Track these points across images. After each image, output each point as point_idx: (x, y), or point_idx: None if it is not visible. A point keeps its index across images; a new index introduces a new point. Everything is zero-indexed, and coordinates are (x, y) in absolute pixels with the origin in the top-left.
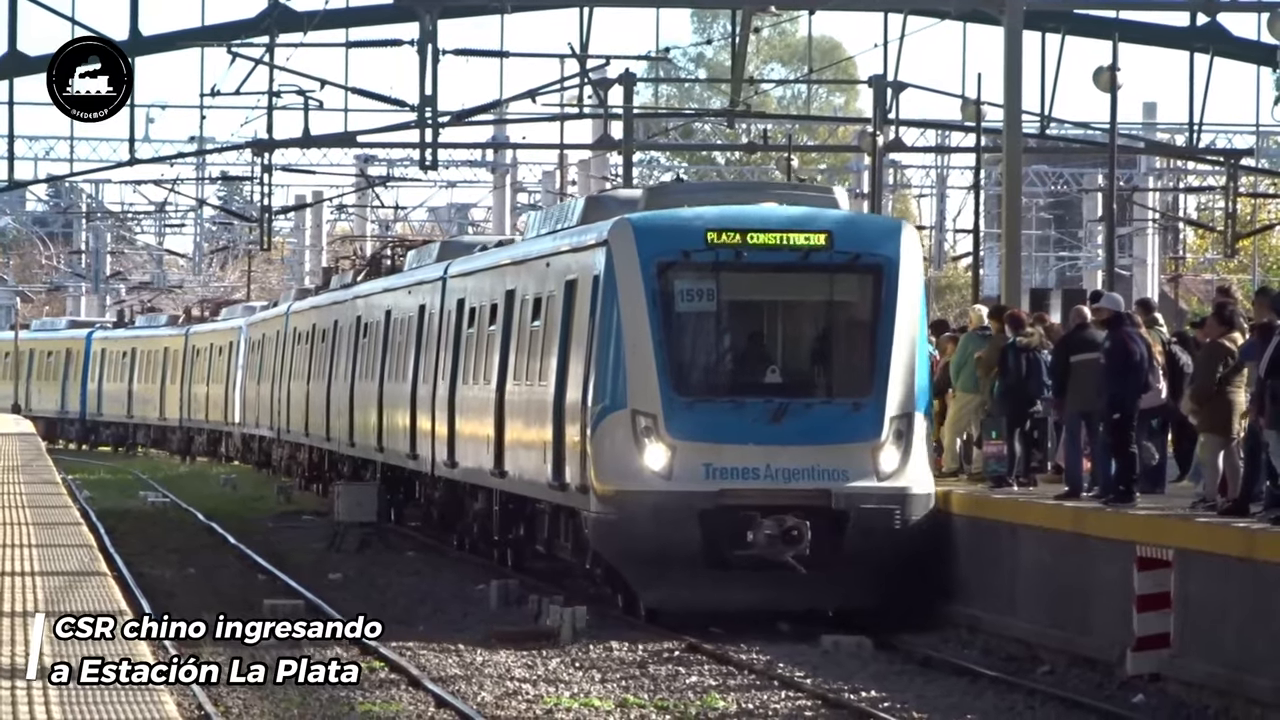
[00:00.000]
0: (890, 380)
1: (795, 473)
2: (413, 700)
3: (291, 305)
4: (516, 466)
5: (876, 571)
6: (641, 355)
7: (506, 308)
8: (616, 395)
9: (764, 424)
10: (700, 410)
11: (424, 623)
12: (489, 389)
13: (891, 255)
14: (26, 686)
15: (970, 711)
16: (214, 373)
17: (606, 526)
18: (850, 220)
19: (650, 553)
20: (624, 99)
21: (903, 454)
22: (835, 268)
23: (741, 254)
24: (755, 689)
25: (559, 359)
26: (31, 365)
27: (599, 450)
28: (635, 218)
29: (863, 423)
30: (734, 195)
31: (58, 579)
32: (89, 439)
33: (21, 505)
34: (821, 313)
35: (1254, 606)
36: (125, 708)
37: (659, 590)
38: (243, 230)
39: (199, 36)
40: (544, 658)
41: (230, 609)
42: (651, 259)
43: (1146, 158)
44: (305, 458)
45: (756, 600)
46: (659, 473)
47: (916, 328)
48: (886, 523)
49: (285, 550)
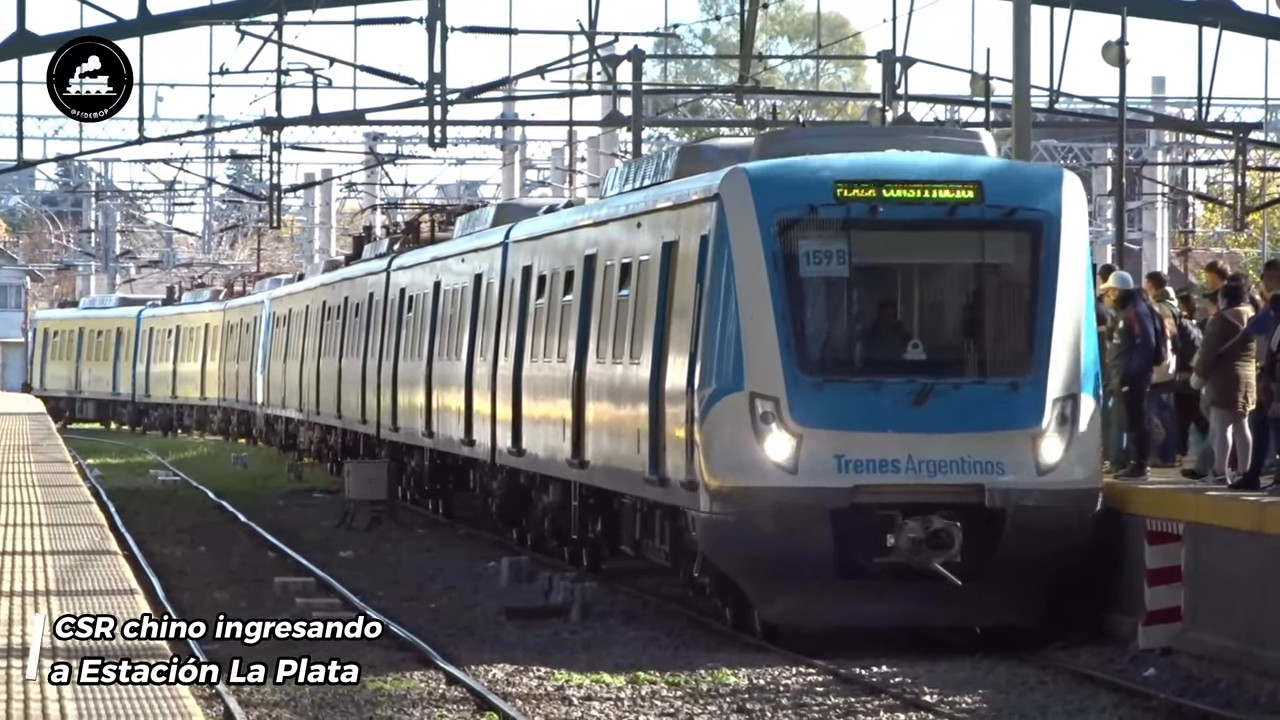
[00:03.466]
0: (1053, 356)
1: (942, 465)
2: (424, 678)
3: (321, 278)
4: (600, 456)
5: (1036, 582)
6: (761, 329)
7: (586, 275)
8: (731, 376)
9: (905, 408)
10: (830, 392)
11: (435, 600)
12: (565, 368)
13: (1052, 210)
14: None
15: (982, 687)
16: (243, 350)
17: (720, 529)
18: (1004, 169)
19: (772, 559)
20: (633, 75)
21: (1067, 443)
22: (987, 225)
23: (877, 209)
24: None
25: (656, 334)
26: (81, 345)
27: (710, 440)
28: (752, 168)
29: (1021, 406)
30: (864, 141)
31: (68, 558)
32: (140, 422)
33: (32, 484)
34: (971, 277)
35: (1264, 579)
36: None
37: (781, 603)
38: (252, 208)
39: (207, 15)
40: (554, 634)
41: (241, 586)
42: (771, 215)
43: (1155, 132)
44: (337, 442)
45: (893, 616)
46: (782, 466)
47: (1083, 294)
48: (1050, 524)
49: (296, 528)
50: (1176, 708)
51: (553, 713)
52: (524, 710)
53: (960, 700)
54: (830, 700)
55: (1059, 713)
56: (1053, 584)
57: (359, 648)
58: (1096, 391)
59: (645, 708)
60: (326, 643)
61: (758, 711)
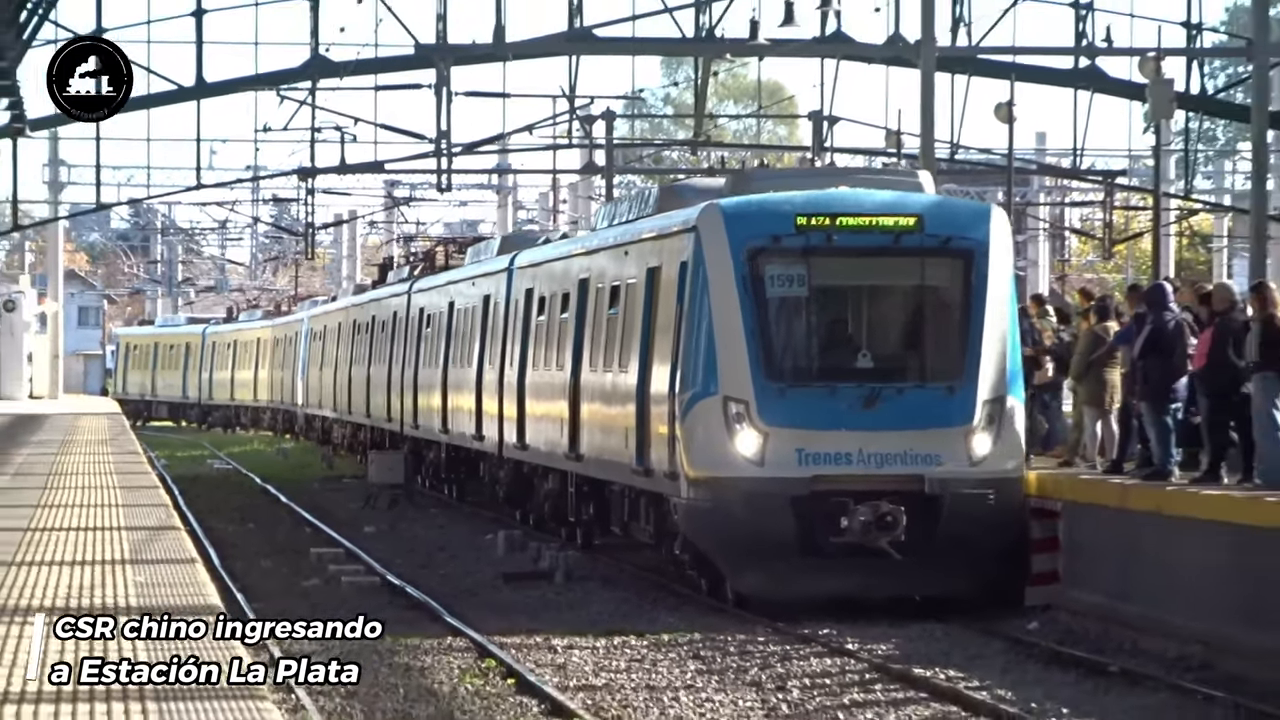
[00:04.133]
0: (982, 364)
1: (889, 458)
2: (436, 630)
3: (351, 299)
4: (593, 450)
5: (970, 557)
6: (732, 341)
7: (580, 296)
8: (707, 382)
9: (857, 409)
10: (792, 396)
11: (443, 567)
12: (562, 374)
13: (982, 238)
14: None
15: (896, 638)
16: (286, 359)
17: (698, 513)
18: (940, 203)
19: (743, 539)
20: (605, 132)
21: (996, 438)
22: (926, 251)
23: (831, 238)
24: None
25: (641, 346)
26: (156, 356)
27: (690, 437)
28: (725, 203)
29: (956, 407)
30: (819, 180)
31: (140, 532)
32: (205, 420)
33: (109, 471)
34: (913, 297)
35: (1127, 547)
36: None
37: (751, 577)
38: (290, 243)
39: (253, 83)
40: (542, 595)
41: (283, 556)
42: (741, 244)
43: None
44: (366, 437)
45: (848, 587)
46: (751, 459)
47: (1008, 311)
48: (980, 508)
49: (328, 507)
50: (1055, 653)
51: (540, 659)
52: (517, 657)
53: (876, 648)
54: (769, 649)
55: (958, 658)
56: (986, 558)
57: (382, 606)
58: (1019, 394)
59: (616, 656)
60: (352, 601)
61: (709, 658)
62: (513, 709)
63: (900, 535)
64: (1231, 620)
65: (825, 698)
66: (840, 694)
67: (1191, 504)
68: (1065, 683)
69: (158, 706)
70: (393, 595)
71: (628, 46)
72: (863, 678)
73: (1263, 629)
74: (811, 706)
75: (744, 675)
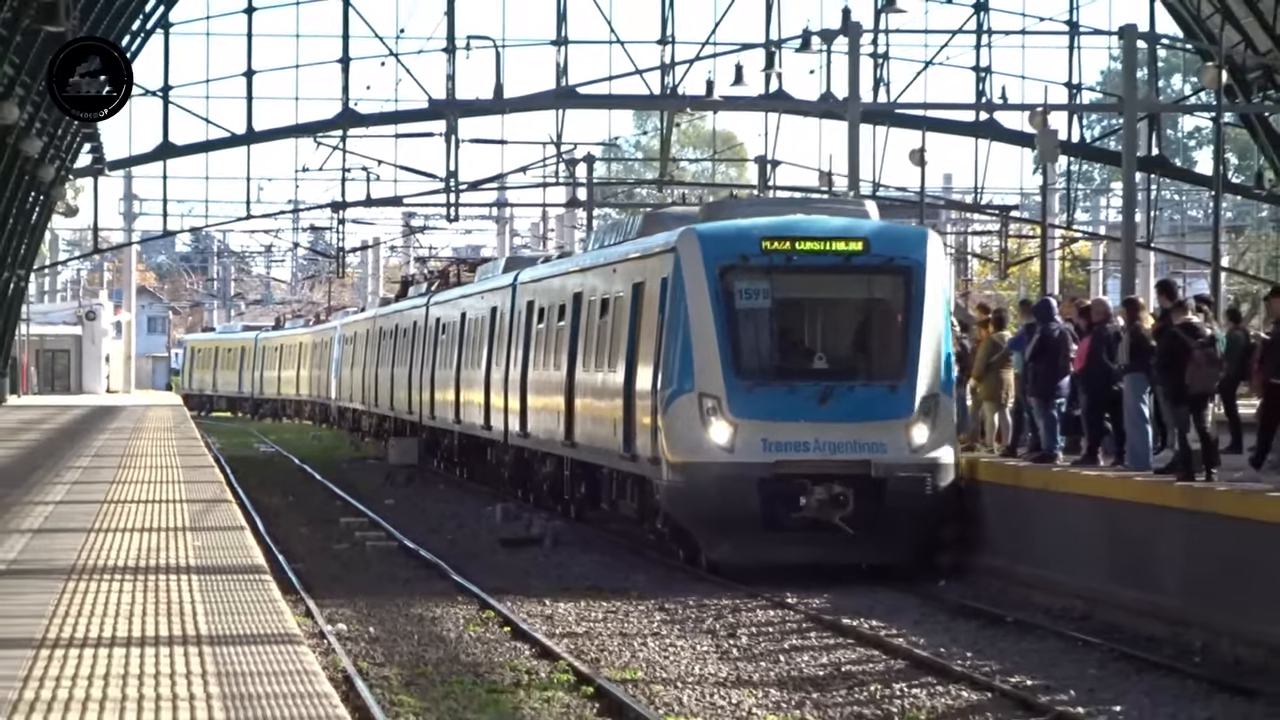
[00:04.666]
0: (920, 365)
1: (840, 446)
2: (444, 586)
3: (378, 310)
4: (585, 438)
5: (909, 530)
6: (707, 346)
7: (574, 308)
8: (685, 380)
9: (813, 404)
10: (758, 393)
11: (451, 533)
12: (559, 374)
13: (920, 259)
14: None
15: (828, 593)
16: (323, 360)
17: (677, 493)
18: (884, 229)
19: (715, 515)
20: (586, 173)
21: (931, 429)
22: (872, 269)
23: (791, 258)
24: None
25: (628, 349)
26: (217, 359)
27: (670, 427)
28: (700, 228)
29: (897, 402)
30: (780, 208)
31: (198, 505)
32: (257, 411)
33: (172, 453)
34: (860, 308)
35: (1020, 518)
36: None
37: (722, 547)
38: (324, 264)
39: (294, 131)
40: (533, 557)
41: (317, 524)
42: (714, 263)
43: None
44: (390, 426)
45: (806, 556)
46: (723, 446)
47: (942, 320)
48: (918, 489)
49: (354, 483)
50: (960, 607)
51: (531, 609)
52: (512, 609)
53: (810, 601)
54: (723, 603)
55: (880, 611)
56: (923, 532)
57: (399, 566)
58: (951, 391)
59: (595, 608)
60: (374, 562)
61: (673, 610)
62: (508, 652)
63: (850, 512)
64: (1105, 579)
65: (769, 643)
66: (781, 640)
67: (1073, 482)
68: (968, 630)
69: (212, 651)
70: (408, 557)
71: (605, 102)
72: (800, 626)
73: (1131, 586)
74: (757, 650)
75: (701, 625)
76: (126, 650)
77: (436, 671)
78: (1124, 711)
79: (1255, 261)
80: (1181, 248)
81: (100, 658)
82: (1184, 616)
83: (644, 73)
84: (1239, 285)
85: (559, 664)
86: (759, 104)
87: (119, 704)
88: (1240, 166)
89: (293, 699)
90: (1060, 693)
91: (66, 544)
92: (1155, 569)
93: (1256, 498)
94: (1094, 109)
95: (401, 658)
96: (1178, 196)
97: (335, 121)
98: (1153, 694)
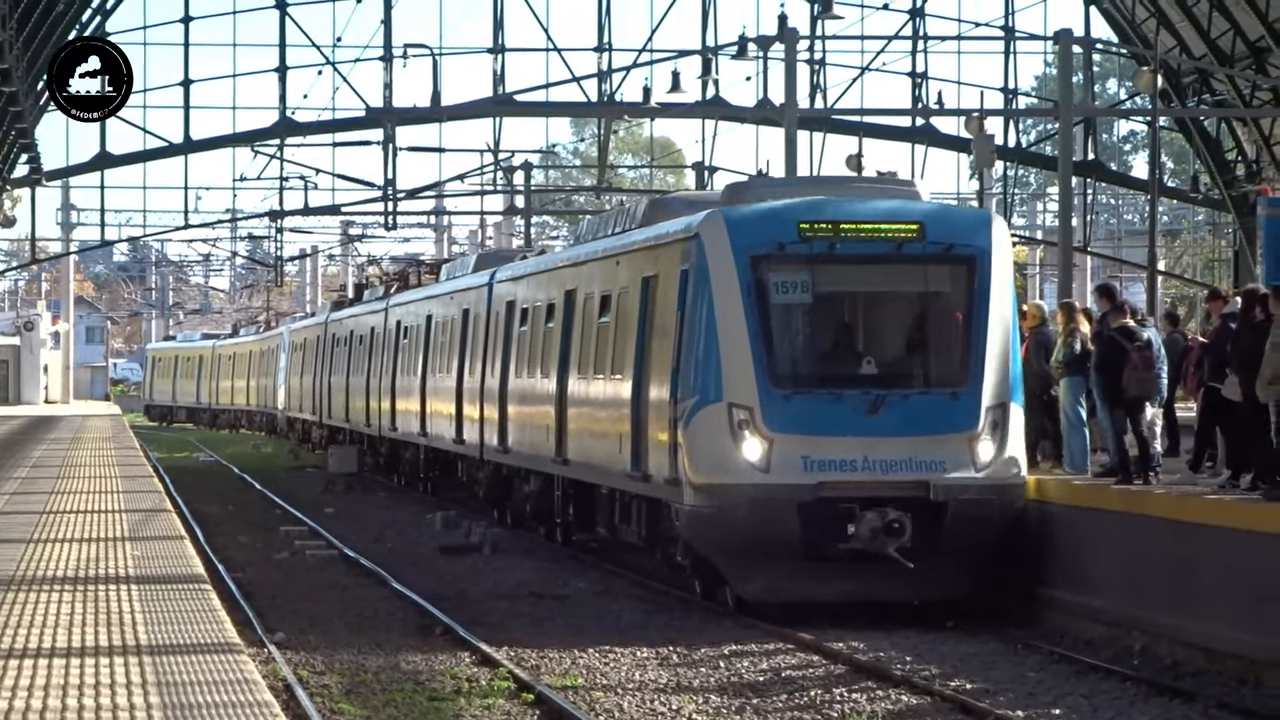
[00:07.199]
0: (986, 370)
1: (894, 464)
2: (384, 594)
3: (329, 315)
4: (581, 454)
5: (973, 562)
6: (737, 348)
7: (566, 306)
8: (712, 388)
9: (861, 415)
10: (797, 402)
11: (390, 540)
12: (548, 381)
13: (984, 246)
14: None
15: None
16: (268, 369)
17: (701, 519)
18: (941, 211)
19: (747, 546)
20: (524, 180)
21: (999, 444)
22: (929, 258)
23: (835, 246)
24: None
25: (637, 353)
26: (177, 368)
27: (693, 443)
28: (727, 211)
29: (960, 413)
30: (817, 188)
31: (137, 514)
32: (214, 423)
33: (111, 463)
34: (915, 304)
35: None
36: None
37: (755, 583)
38: (263, 272)
39: (231, 140)
40: (473, 564)
41: (257, 532)
42: (745, 252)
43: None
44: (344, 439)
45: (852, 592)
46: (756, 465)
47: (1009, 317)
48: (985, 513)
49: (294, 491)
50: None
51: (469, 610)
52: (448, 611)
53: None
54: (663, 609)
55: (818, 616)
56: (988, 563)
57: (339, 574)
58: (1020, 400)
59: (530, 606)
60: (314, 570)
61: (615, 616)
62: (449, 660)
63: (908, 542)
64: (1043, 582)
65: (709, 649)
66: (721, 646)
67: None
68: (908, 635)
69: (153, 661)
70: (348, 565)
71: (542, 109)
72: (739, 633)
73: (1069, 589)
74: (697, 656)
75: (643, 632)
76: (66, 661)
77: (377, 680)
78: (1063, 715)
79: (1192, 265)
80: (1118, 252)
81: (40, 668)
82: (1123, 619)
83: (581, 80)
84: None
85: (499, 671)
86: (696, 110)
87: (59, 714)
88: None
89: (233, 708)
90: (999, 695)
91: (5, 554)
92: (1094, 572)
93: (1193, 501)
94: (1030, 114)
95: (342, 666)
96: (1114, 201)
97: (273, 130)
98: (1091, 696)
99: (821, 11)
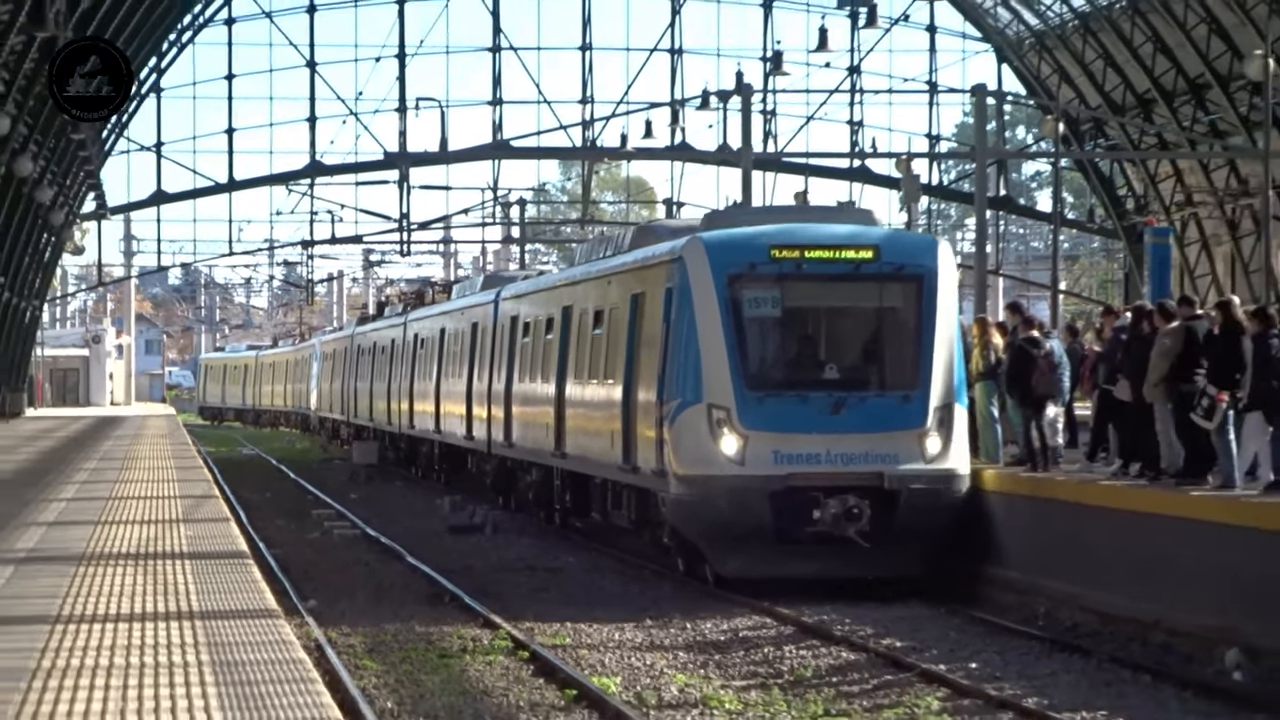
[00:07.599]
0: (933, 375)
1: (853, 458)
2: (401, 567)
3: (355, 329)
4: (577, 449)
5: (923, 544)
6: (716, 356)
7: (564, 320)
8: (693, 391)
9: (825, 415)
10: (769, 403)
11: (407, 522)
12: (547, 386)
13: (931, 266)
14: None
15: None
16: (303, 375)
17: (685, 506)
18: (894, 236)
19: (725, 529)
20: (519, 214)
21: (945, 440)
22: (883, 277)
23: (801, 266)
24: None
25: (627, 360)
26: (225, 375)
27: (677, 440)
28: (706, 236)
29: (911, 413)
30: (785, 216)
31: (189, 500)
32: (258, 421)
33: (167, 456)
34: (872, 317)
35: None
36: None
37: (732, 562)
38: (295, 293)
39: (269, 180)
40: (477, 542)
41: (292, 516)
42: (722, 271)
43: None
44: (368, 435)
45: (817, 570)
46: (733, 459)
47: (954, 328)
48: (932, 500)
49: (324, 480)
50: (842, 582)
51: (474, 581)
52: (458, 583)
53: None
54: (640, 580)
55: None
56: (936, 545)
57: (362, 550)
58: (964, 401)
59: (526, 578)
60: (340, 547)
61: (592, 581)
62: (456, 623)
63: (865, 526)
64: (964, 556)
65: (678, 613)
66: (690, 611)
67: None
68: (847, 601)
69: (203, 624)
70: (370, 543)
71: (534, 153)
72: (703, 600)
73: (986, 562)
74: (668, 619)
75: (623, 600)
76: (129, 625)
77: (395, 640)
78: (979, 668)
79: (1089, 285)
80: (1026, 274)
81: (107, 631)
82: (1030, 588)
83: (568, 128)
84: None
85: (499, 632)
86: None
87: (124, 671)
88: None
89: (272, 665)
90: (925, 651)
91: (77, 535)
92: (1006, 547)
93: (1090, 486)
94: (950, 156)
95: (364, 628)
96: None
97: (304, 171)
98: (1004, 652)
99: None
